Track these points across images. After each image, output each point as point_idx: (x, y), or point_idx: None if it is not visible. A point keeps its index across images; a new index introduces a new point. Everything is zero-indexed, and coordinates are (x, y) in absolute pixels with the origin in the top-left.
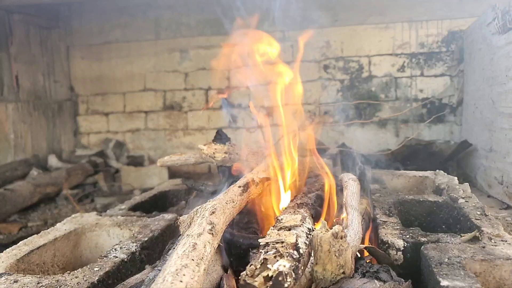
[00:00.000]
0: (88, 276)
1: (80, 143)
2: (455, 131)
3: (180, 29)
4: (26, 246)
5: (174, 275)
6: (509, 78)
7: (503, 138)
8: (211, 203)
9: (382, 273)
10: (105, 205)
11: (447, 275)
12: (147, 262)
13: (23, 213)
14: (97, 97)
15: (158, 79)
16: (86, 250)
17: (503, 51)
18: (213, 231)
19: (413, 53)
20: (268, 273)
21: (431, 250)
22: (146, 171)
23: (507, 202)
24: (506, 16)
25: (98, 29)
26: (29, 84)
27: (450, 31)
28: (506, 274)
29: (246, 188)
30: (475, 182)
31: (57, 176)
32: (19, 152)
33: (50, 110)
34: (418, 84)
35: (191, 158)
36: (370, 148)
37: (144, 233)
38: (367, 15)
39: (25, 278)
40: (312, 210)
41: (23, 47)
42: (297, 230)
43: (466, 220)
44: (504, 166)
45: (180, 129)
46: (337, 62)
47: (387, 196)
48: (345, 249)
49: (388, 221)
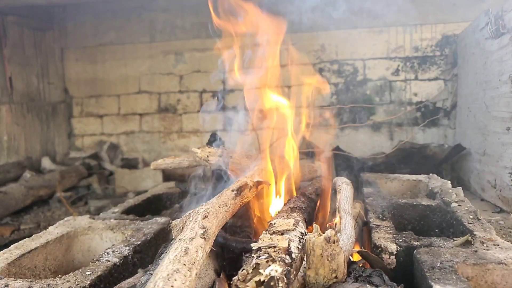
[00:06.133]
0: (80, 280)
1: (74, 146)
2: (449, 134)
3: (175, 32)
4: (17, 249)
5: (165, 280)
6: (502, 82)
7: (496, 142)
8: (204, 207)
9: (375, 277)
10: (99, 208)
11: (439, 279)
12: (140, 266)
13: (16, 215)
14: (91, 99)
15: (152, 82)
16: (78, 254)
17: (496, 55)
18: (205, 235)
19: (408, 57)
20: (260, 278)
21: (423, 254)
22: (140, 173)
23: (500, 205)
24: (499, 21)
25: (92, 31)
26: (23, 86)
27: (444, 35)
28: (498, 278)
29: (240, 192)
30: (468, 186)
31: (50, 178)
32: (12, 154)
33: (44, 112)
34: (412, 88)
35: (184, 161)
36: (364, 151)
37: (137, 236)
38: (361, 18)
39: (16, 282)
40: (305, 214)
41: (17, 49)
42: (289, 235)
43: (459, 224)
44: (497, 170)
45: (175, 132)
46: (332, 65)
47: (380, 199)
48: (337, 254)
49: (381, 225)
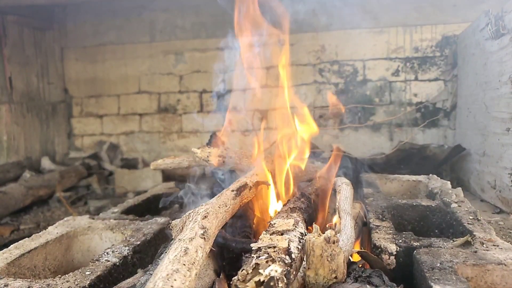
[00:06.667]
0: (80, 280)
1: (74, 146)
2: (448, 135)
3: (175, 32)
4: (17, 249)
5: (165, 280)
6: (502, 83)
7: (496, 142)
8: (204, 207)
9: (375, 278)
10: (99, 208)
11: (439, 279)
12: (140, 266)
13: (15, 215)
14: (91, 99)
15: (152, 82)
16: (78, 254)
17: (496, 56)
18: (205, 235)
19: (408, 58)
20: (259, 278)
21: (423, 255)
22: (140, 173)
23: (500, 206)
24: (499, 22)
25: (92, 31)
26: (23, 85)
27: (444, 36)
28: (497, 279)
29: (239, 192)
30: (468, 187)
31: (50, 178)
32: (12, 154)
33: (43, 112)
34: (412, 88)
35: (184, 161)
36: (364, 152)
37: (137, 236)
38: (361, 19)
39: (16, 282)
40: (305, 214)
41: (17, 49)
42: (289, 235)
43: (459, 224)
44: (497, 171)
45: (175, 132)
46: (332, 66)
47: (380, 200)
48: (337, 254)
49: (381, 226)
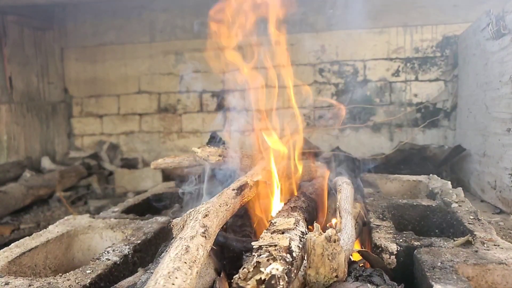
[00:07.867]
0: (80, 278)
1: (74, 145)
2: (449, 135)
3: (175, 32)
4: (17, 248)
5: (166, 277)
6: (502, 83)
7: (496, 143)
8: (205, 206)
9: (375, 277)
10: (99, 208)
11: (440, 279)
12: (140, 265)
13: (16, 215)
14: (91, 99)
15: (152, 82)
16: (78, 253)
17: (496, 56)
18: (206, 234)
19: (408, 58)
20: (261, 277)
21: (424, 254)
22: (140, 173)
23: (500, 206)
24: (500, 22)
25: (92, 31)
26: (23, 85)
27: (444, 36)
28: (498, 278)
29: (240, 191)
30: (468, 187)
31: (50, 178)
32: (12, 153)
33: (43, 112)
34: (412, 89)
35: (185, 160)
36: (364, 152)
37: (137, 235)
38: (362, 19)
39: (17, 281)
40: (306, 213)
41: (17, 48)
42: (290, 234)
43: (459, 224)
44: (497, 171)
45: (174, 132)
46: (332, 66)
47: (380, 200)
48: (338, 253)
49: (382, 225)
